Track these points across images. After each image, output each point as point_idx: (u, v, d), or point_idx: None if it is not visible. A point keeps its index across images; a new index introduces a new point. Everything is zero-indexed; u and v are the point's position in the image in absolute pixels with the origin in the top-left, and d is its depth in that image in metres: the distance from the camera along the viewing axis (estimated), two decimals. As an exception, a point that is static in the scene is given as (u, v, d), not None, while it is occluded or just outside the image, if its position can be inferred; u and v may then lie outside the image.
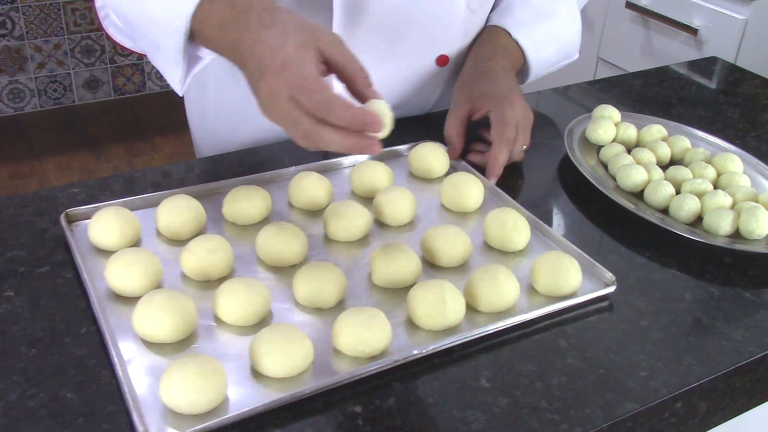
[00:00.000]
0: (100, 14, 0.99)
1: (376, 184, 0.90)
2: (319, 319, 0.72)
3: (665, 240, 0.88)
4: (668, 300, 0.79)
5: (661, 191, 0.92)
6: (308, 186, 0.87)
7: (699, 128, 1.10)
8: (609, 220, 0.92)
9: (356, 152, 0.70)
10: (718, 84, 1.36)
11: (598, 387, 0.67)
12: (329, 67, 0.72)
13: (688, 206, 0.90)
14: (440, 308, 0.70)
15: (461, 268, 0.80)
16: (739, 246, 0.86)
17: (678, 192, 0.94)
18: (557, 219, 0.92)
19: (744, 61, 1.81)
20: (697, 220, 0.91)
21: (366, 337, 0.67)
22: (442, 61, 1.07)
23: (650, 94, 1.27)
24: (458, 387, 0.67)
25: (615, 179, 0.97)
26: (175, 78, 0.84)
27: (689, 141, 1.05)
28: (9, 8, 2.89)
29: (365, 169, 0.90)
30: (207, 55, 0.83)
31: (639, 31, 2.09)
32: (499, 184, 0.94)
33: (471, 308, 0.74)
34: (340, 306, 0.74)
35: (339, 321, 0.68)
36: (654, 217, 0.89)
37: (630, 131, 1.06)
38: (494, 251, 0.83)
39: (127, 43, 1.01)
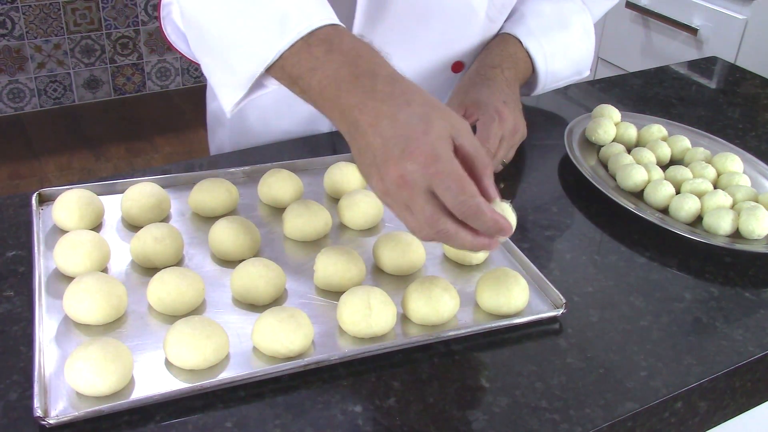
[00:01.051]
0: (163, 11, 0.97)
1: (345, 185, 0.89)
2: (250, 316, 0.72)
3: (665, 240, 0.88)
4: (668, 300, 0.79)
5: (661, 191, 0.92)
6: (274, 183, 0.87)
7: (699, 128, 1.10)
8: (609, 220, 0.92)
9: (477, 250, 0.68)
10: (718, 84, 1.36)
11: (598, 387, 0.67)
12: (456, 154, 0.66)
13: (688, 206, 0.90)
14: (364, 315, 0.69)
15: (411, 278, 0.78)
16: (739, 246, 0.86)
17: (678, 192, 0.94)
18: (557, 219, 0.92)
19: (744, 61, 1.82)
20: (697, 220, 0.91)
21: (280, 337, 0.66)
22: (457, 67, 1.07)
23: (650, 93, 1.27)
24: (458, 387, 0.67)
25: (615, 179, 0.97)
26: (230, 99, 0.80)
27: (689, 141, 1.05)
28: (9, 8, 2.89)
29: (337, 170, 0.90)
30: (273, 86, 0.79)
31: (639, 31, 2.09)
32: (498, 183, 0.93)
33: (407, 319, 0.73)
34: (275, 304, 0.73)
35: (259, 319, 0.68)
36: (654, 217, 0.89)
37: (630, 131, 1.06)
38: (451, 263, 0.81)
39: (181, 47, 1.00)
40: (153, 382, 0.64)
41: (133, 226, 0.82)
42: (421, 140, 0.64)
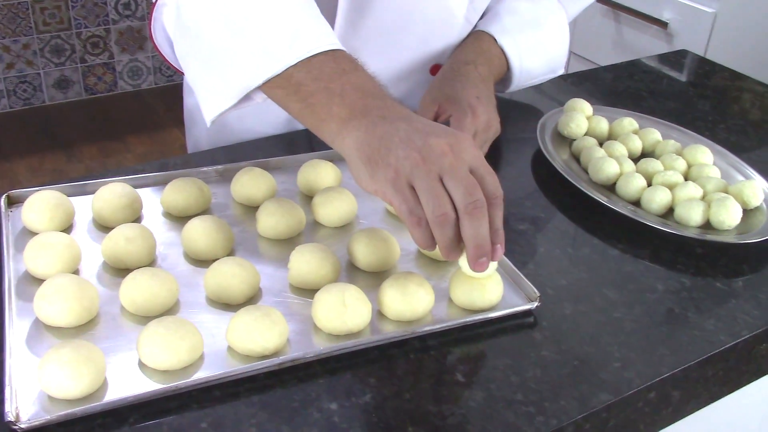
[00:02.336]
0: (155, 11, 0.96)
1: (319, 183, 0.89)
2: (224, 315, 0.71)
3: (637, 232, 0.88)
4: (641, 291, 0.80)
5: (633, 184, 0.93)
6: (248, 182, 0.87)
7: (670, 121, 1.11)
8: (582, 213, 0.92)
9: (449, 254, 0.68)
10: (688, 77, 1.38)
11: (572, 379, 0.68)
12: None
13: (659, 198, 0.91)
14: (339, 312, 0.69)
15: (386, 274, 0.78)
16: (709, 237, 0.87)
17: (649, 184, 0.95)
18: (531, 213, 0.92)
19: (713, 54, 1.83)
20: (669, 212, 0.92)
21: (255, 336, 0.66)
22: (435, 70, 1.08)
23: (621, 87, 1.28)
24: (434, 382, 0.67)
25: (587, 172, 0.98)
26: (215, 109, 0.80)
27: (660, 133, 1.06)
28: (-24, 8, 2.85)
29: (310, 168, 0.90)
30: (259, 99, 0.79)
31: (610, 25, 2.10)
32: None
33: (382, 315, 0.73)
34: (250, 303, 0.73)
35: (234, 318, 0.68)
36: (626, 210, 0.90)
37: (602, 124, 1.07)
38: (425, 259, 0.81)
39: (166, 50, 0.99)
40: (126, 384, 0.64)
41: (104, 226, 0.82)
42: (440, 136, 0.68)
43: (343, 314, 0.69)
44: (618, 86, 1.29)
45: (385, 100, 0.73)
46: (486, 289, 0.74)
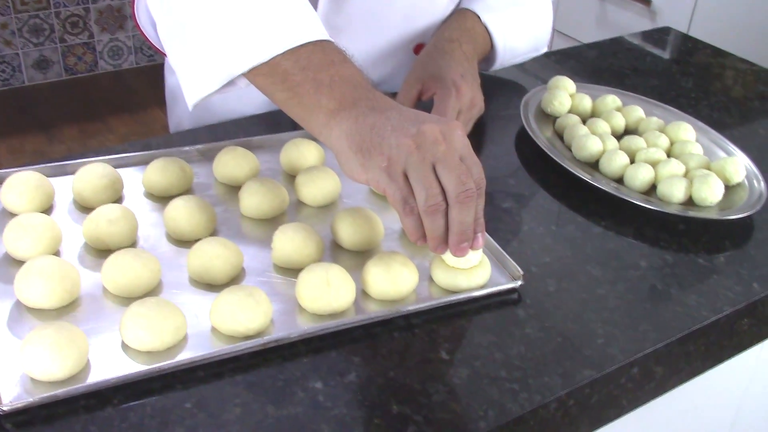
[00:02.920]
0: None
1: (302, 162, 0.88)
2: (207, 296, 0.71)
3: (621, 209, 0.89)
4: (624, 268, 0.80)
5: (616, 161, 0.93)
6: (230, 161, 0.86)
7: (652, 98, 1.11)
8: (566, 191, 0.93)
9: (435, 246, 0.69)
10: (671, 54, 1.38)
11: (556, 355, 0.68)
12: None
13: (642, 175, 0.91)
14: (323, 292, 0.69)
15: (370, 254, 0.77)
16: (692, 213, 0.87)
17: (632, 161, 0.95)
18: (514, 191, 0.92)
19: (696, 32, 1.84)
20: (652, 189, 0.92)
21: (239, 316, 0.66)
22: (419, 49, 1.07)
23: (605, 65, 1.28)
24: (418, 360, 0.67)
25: (571, 150, 0.98)
26: (197, 94, 0.78)
27: (643, 111, 1.06)
28: (-48, -13, 2.80)
29: (293, 147, 0.89)
30: (242, 85, 0.78)
31: (593, 3, 2.10)
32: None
33: (366, 294, 0.73)
34: (233, 283, 0.73)
35: (217, 298, 0.67)
36: (609, 187, 0.90)
37: (585, 102, 1.07)
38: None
39: (149, 32, 0.96)
40: (109, 366, 0.63)
41: (85, 207, 0.81)
42: (435, 124, 0.68)
43: (328, 294, 0.69)
44: (601, 64, 1.29)
45: (374, 92, 0.72)
46: (469, 269, 0.74)
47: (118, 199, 0.83)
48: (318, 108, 0.71)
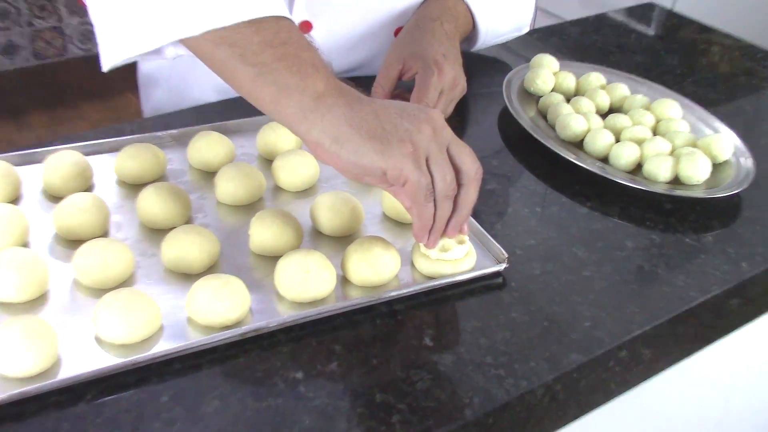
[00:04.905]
0: None
1: (279, 146, 0.88)
2: (183, 286, 0.70)
3: (606, 189, 0.88)
4: (610, 249, 0.80)
5: (601, 140, 0.93)
6: (204, 146, 0.85)
7: (638, 75, 1.11)
8: (550, 171, 0.92)
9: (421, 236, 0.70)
10: (656, 30, 1.38)
11: (542, 340, 0.68)
12: None
13: (627, 154, 0.91)
14: (303, 279, 0.68)
15: (350, 239, 0.77)
16: (678, 192, 0.87)
17: (617, 140, 0.95)
18: (498, 172, 0.92)
19: (682, 7, 1.83)
20: (637, 168, 0.92)
21: (216, 306, 0.65)
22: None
23: (588, 42, 1.28)
24: (401, 347, 0.66)
25: (555, 129, 0.98)
26: (116, 56, 0.71)
27: (628, 88, 1.06)
28: None
29: (270, 131, 0.88)
30: (172, 55, 0.71)
31: (576, -21, 2.09)
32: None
33: (347, 281, 0.72)
34: (210, 272, 0.72)
35: (193, 288, 0.67)
36: (594, 166, 0.90)
37: (568, 80, 1.06)
38: (390, 222, 0.81)
39: None
40: (82, 360, 0.62)
41: (55, 197, 0.79)
42: (428, 113, 0.68)
43: (307, 281, 0.68)
44: (585, 41, 1.28)
45: (348, 84, 0.69)
46: (458, 262, 0.73)
47: (89, 188, 0.82)
48: (300, 90, 0.64)
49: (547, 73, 1.05)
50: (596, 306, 0.72)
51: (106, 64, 0.72)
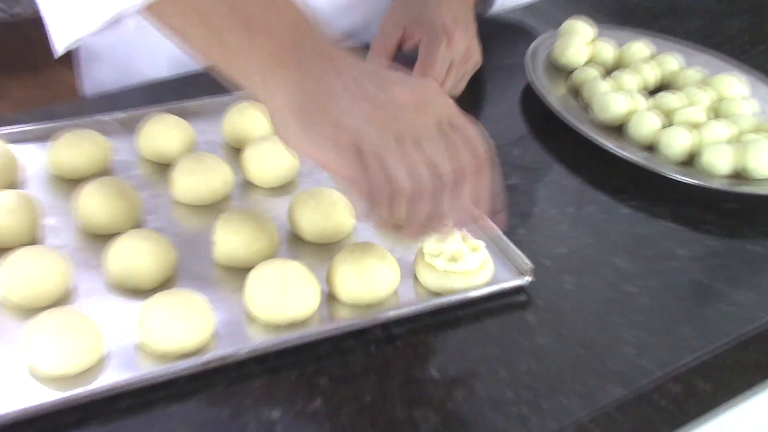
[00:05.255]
0: None
1: (250, 132, 0.88)
2: (132, 305, 0.70)
3: (653, 184, 0.89)
4: (659, 258, 0.81)
5: (647, 124, 0.94)
6: (158, 133, 0.86)
7: (693, 43, 1.12)
8: (584, 162, 0.93)
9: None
10: (716, -13, 1.38)
11: (575, 371, 0.69)
12: None
13: (679, 141, 0.92)
14: (279, 296, 0.69)
15: (338, 246, 0.78)
16: (743, 188, 0.88)
17: (668, 124, 0.96)
18: (520, 164, 0.92)
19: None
20: (692, 158, 0.93)
21: (172, 330, 0.65)
22: None
23: (632, 3, 1.29)
24: (402, 380, 0.67)
25: (590, 111, 0.98)
26: (68, 36, 0.73)
27: (680, 60, 1.07)
28: None
29: (238, 114, 0.89)
30: (132, 24, 0.72)
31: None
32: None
33: (334, 298, 0.73)
34: (165, 287, 0.72)
35: (144, 307, 0.67)
36: (638, 156, 0.91)
37: (607, 50, 1.07)
38: None
39: None
40: (9, 395, 0.63)
41: None
42: (411, 84, 0.65)
43: (285, 298, 0.69)
44: (628, 1, 1.29)
45: (322, 37, 0.66)
46: (471, 274, 0.74)
47: (14, 184, 0.83)
48: (251, 61, 0.65)
49: (580, 42, 1.06)
50: (641, 329, 0.73)
51: (60, 45, 0.73)
